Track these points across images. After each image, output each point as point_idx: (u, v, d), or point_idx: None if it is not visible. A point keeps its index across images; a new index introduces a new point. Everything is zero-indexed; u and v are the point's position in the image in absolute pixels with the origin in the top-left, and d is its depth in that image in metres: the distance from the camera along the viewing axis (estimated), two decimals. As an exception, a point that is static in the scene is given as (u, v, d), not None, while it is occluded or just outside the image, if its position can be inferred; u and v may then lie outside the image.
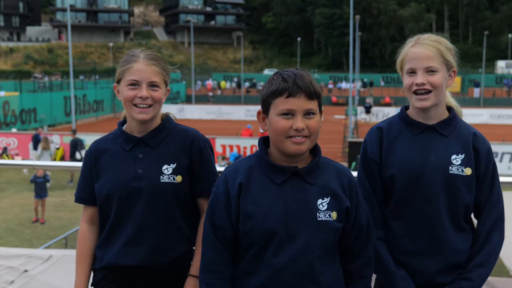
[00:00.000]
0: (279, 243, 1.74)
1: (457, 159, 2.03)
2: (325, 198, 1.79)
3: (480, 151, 2.05)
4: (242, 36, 79.10)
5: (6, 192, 16.09)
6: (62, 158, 20.06)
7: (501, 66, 69.34)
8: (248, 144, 20.39)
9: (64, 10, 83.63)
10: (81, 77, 57.51)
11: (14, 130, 24.65)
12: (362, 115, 34.56)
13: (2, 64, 76.78)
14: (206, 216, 1.85)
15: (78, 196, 2.21)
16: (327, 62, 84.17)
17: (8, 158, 19.23)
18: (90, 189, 2.16)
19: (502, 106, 42.39)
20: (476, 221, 2.12)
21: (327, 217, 1.77)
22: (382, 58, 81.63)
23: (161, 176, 2.08)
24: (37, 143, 18.87)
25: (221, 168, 2.32)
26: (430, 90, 2.00)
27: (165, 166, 2.09)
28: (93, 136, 19.97)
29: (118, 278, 2.12)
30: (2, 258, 3.90)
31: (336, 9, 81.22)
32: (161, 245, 2.09)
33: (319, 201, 1.78)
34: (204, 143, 2.18)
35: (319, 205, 1.77)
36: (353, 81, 38.33)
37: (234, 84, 59.13)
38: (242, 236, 1.78)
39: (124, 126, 2.18)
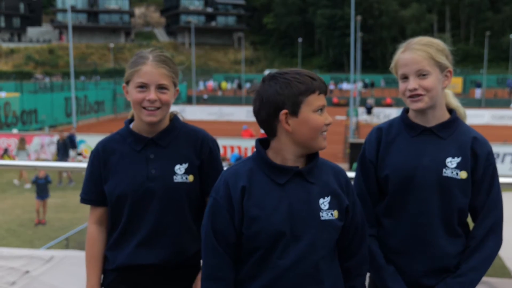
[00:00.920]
0: (285, 245, 1.73)
1: (452, 162, 2.01)
2: (326, 197, 1.79)
3: (479, 155, 2.02)
4: (243, 37, 79.14)
5: (8, 193, 16.11)
6: (63, 159, 20.05)
7: None
8: (249, 145, 20.39)
9: (65, 11, 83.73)
10: (82, 78, 57.53)
11: (15, 131, 24.66)
12: (363, 116, 34.53)
13: (3, 65, 76.86)
14: (206, 222, 1.82)
15: (85, 197, 2.19)
16: (328, 63, 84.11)
17: (9, 159, 19.23)
18: (98, 190, 2.14)
19: (504, 107, 42.34)
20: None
21: (330, 216, 1.78)
22: (384, 59, 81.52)
23: (174, 176, 2.09)
24: (73, 144, 18.68)
25: (225, 168, 2.32)
26: (423, 94, 2.00)
27: (178, 166, 2.10)
28: (94, 137, 19.99)
29: (130, 279, 2.11)
30: (4, 259, 3.90)
31: (337, 10, 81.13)
32: (176, 245, 2.10)
33: (321, 201, 1.78)
34: (213, 143, 2.21)
35: (321, 205, 1.78)
36: (354, 82, 38.32)
37: (235, 85, 59.16)
38: (247, 240, 1.76)
39: (132, 125, 2.17)
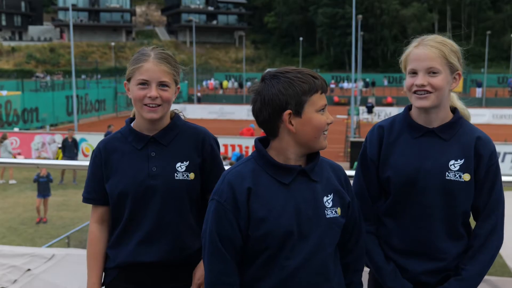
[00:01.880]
0: (292, 245, 1.72)
1: (455, 165, 1.98)
2: (329, 195, 1.79)
3: (483, 156, 1.99)
4: (244, 36, 78.92)
5: (9, 192, 16.12)
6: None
7: None
8: (250, 144, 20.38)
9: (66, 10, 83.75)
10: (83, 77, 57.55)
11: (16, 130, 24.69)
12: (364, 115, 34.51)
13: (4, 64, 76.88)
14: (210, 227, 1.76)
15: (87, 196, 2.19)
16: (329, 62, 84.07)
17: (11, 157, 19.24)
18: (100, 189, 2.14)
19: (505, 106, 42.31)
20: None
21: (334, 214, 1.78)
22: (384, 58, 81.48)
23: (175, 174, 2.09)
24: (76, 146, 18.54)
25: (227, 167, 2.32)
26: (431, 92, 1.96)
27: (179, 164, 2.10)
28: (95, 136, 20.00)
29: (131, 276, 2.12)
30: (5, 257, 3.91)
31: (338, 9, 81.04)
32: (177, 243, 2.10)
33: (325, 199, 1.78)
34: (214, 141, 2.22)
35: (325, 203, 1.78)
36: (355, 81, 38.29)
37: (236, 84, 59.15)
38: (254, 242, 1.73)
39: (133, 124, 2.17)
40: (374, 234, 2.12)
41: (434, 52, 1.97)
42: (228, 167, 1.92)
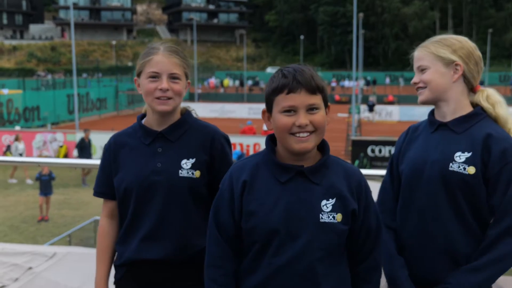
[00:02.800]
0: (280, 243, 1.71)
1: (461, 157, 1.98)
2: (330, 199, 1.73)
3: (492, 152, 1.95)
4: (245, 34, 78.87)
5: (11, 190, 16.15)
6: (66, 156, 20.07)
7: None
8: (251, 142, 20.40)
9: (67, 8, 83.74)
10: (84, 75, 57.56)
11: (18, 128, 24.71)
12: (365, 114, 34.47)
13: (6, 62, 76.91)
14: (211, 212, 1.84)
15: (98, 190, 2.20)
16: (330, 60, 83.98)
17: (12, 156, 19.26)
18: (110, 183, 2.15)
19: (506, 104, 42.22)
20: None
21: (331, 219, 1.72)
22: (386, 56, 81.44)
23: (180, 171, 2.07)
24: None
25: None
26: (424, 87, 2.11)
27: (184, 161, 2.08)
28: (96, 134, 19.99)
29: (138, 275, 2.11)
30: (7, 255, 3.91)
31: (339, 7, 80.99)
32: (180, 240, 2.08)
33: (323, 202, 1.73)
34: (225, 139, 2.21)
35: (323, 206, 1.73)
36: (356, 79, 38.26)
37: (237, 82, 59.15)
38: (245, 234, 1.77)
39: (143, 120, 2.17)
40: (392, 229, 2.16)
41: (421, 52, 2.12)
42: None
